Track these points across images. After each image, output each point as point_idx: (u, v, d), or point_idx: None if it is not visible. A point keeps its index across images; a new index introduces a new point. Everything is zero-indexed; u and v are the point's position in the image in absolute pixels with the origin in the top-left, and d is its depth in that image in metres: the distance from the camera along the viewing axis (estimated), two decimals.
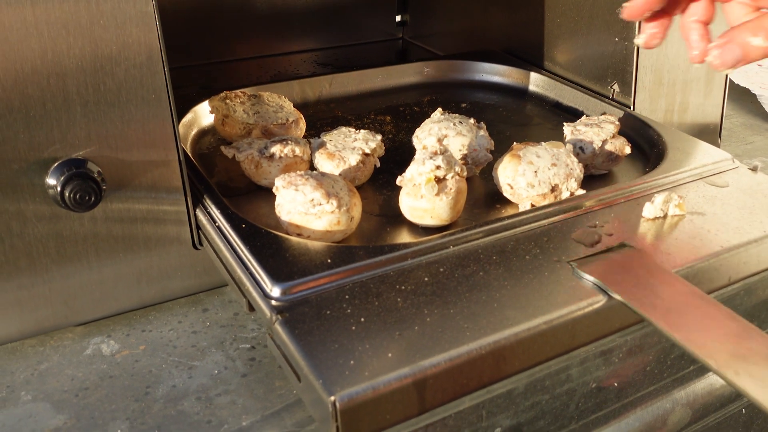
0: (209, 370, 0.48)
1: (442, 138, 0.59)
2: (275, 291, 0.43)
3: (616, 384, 0.57)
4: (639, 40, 0.50)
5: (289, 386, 0.47)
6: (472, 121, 0.62)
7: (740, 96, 1.05)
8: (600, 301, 0.44)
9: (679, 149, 0.63)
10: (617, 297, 0.44)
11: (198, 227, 0.53)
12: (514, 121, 0.75)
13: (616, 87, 0.74)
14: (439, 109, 0.64)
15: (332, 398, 0.36)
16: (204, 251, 0.53)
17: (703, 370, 0.58)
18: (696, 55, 0.49)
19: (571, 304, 0.44)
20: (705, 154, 0.62)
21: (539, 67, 0.83)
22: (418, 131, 0.62)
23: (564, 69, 0.81)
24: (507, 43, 0.89)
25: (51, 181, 0.47)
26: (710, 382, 0.59)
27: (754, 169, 0.62)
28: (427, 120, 0.63)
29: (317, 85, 0.77)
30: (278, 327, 0.41)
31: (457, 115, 0.63)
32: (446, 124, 0.61)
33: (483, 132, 0.61)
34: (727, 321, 0.42)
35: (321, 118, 0.74)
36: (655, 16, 0.49)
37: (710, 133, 0.81)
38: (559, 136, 0.65)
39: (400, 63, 0.87)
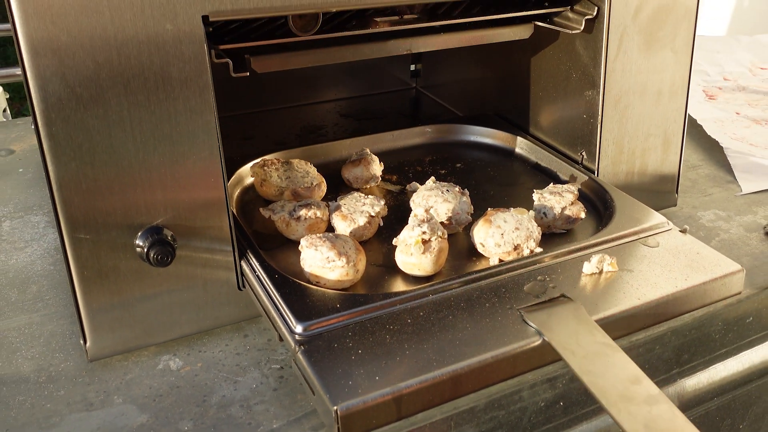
0: (249, 384, 0.65)
1: (429, 208, 0.75)
2: (298, 328, 0.60)
3: (561, 403, 0.72)
4: None
5: (308, 399, 0.63)
6: (457, 189, 0.78)
7: (711, 147, 1.19)
8: (536, 342, 0.60)
9: (625, 213, 0.78)
10: (548, 341, 0.60)
11: (242, 274, 0.70)
12: (499, 180, 0.91)
13: (584, 154, 0.90)
14: (432, 178, 0.80)
15: (335, 407, 0.52)
16: (246, 292, 0.70)
17: None
18: None
19: (514, 343, 0.59)
20: (646, 217, 0.78)
21: (525, 131, 0.99)
22: (414, 196, 0.79)
23: (545, 134, 0.96)
24: (500, 106, 1.05)
25: (139, 242, 0.64)
26: None
27: (683, 231, 0.77)
28: (421, 187, 0.79)
29: (338, 148, 0.94)
30: (300, 356, 0.57)
31: (446, 183, 0.79)
32: (436, 192, 0.77)
33: (465, 198, 0.78)
34: (625, 368, 0.58)
35: (340, 176, 0.90)
36: None
37: (668, 192, 0.95)
38: (530, 199, 0.80)
39: (411, 118, 1.04)
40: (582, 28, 0.83)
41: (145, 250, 0.63)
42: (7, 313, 0.75)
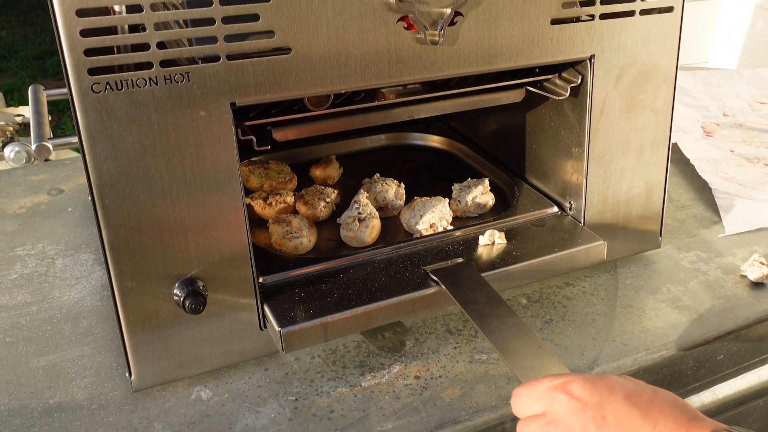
0: (268, 414, 0.76)
1: (367, 196, 0.97)
2: (260, 279, 0.82)
3: None
4: None
5: (318, 429, 0.74)
6: (394, 181, 1.02)
7: (702, 186, 1.27)
8: (434, 290, 0.81)
9: (525, 202, 0.95)
10: (445, 289, 0.78)
11: (263, 316, 0.81)
12: (439, 177, 1.09)
13: (572, 203, 0.99)
14: (377, 174, 1.04)
15: (279, 329, 0.74)
16: (267, 332, 0.81)
17: None
18: None
19: (416, 290, 0.81)
20: (541, 205, 0.97)
21: (522, 178, 1.09)
22: (361, 187, 1.00)
23: (539, 182, 1.06)
24: (498, 151, 1.15)
25: (176, 292, 0.75)
26: None
27: (568, 215, 0.95)
28: (366, 180, 1.04)
29: (314, 151, 1.16)
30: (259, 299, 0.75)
31: (387, 179, 1.03)
32: (376, 185, 1.02)
33: (401, 189, 1.02)
34: (500, 305, 0.76)
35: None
36: None
37: (652, 235, 1.04)
38: None
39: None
40: (568, 94, 0.92)
41: (181, 299, 0.75)
42: (62, 345, 0.87)
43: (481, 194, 1.00)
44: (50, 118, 0.97)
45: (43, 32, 5.98)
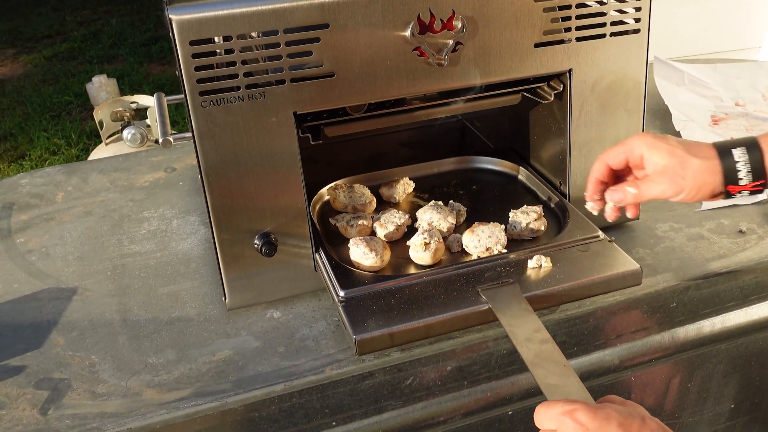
0: (319, 328, 1.09)
1: (431, 221, 1.16)
2: (341, 293, 1.03)
3: None
4: (588, 206, 1.05)
5: (345, 335, 1.06)
6: (449, 209, 1.19)
7: None
8: (483, 307, 0.99)
9: (573, 227, 1.15)
10: (491, 307, 0.99)
11: (315, 261, 1.13)
12: (499, 200, 1.30)
13: (561, 182, 1.26)
14: (434, 201, 1.22)
15: (354, 336, 0.95)
16: (318, 273, 1.14)
17: None
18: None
19: (468, 307, 0.99)
20: (586, 230, 1.14)
21: (527, 163, 1.36)
22: (418, 213, 1.21)
23: (539, 165, 1.34)
24: (514, 141, 1.42)
25: (256, 242, 1.09)
26: None
27: (611, 241, 1.12)
28: (422, 207, 1.21)
29: (389, 174, 1.36)
30: (340, 309, 1.00)
31: (441, 204, 1.20)
32: (433, 210, 1.19)
33: (451, 219, 1.18)
34: (534, 324, 0.95)
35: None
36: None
37: None
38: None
39: (451, 146, 1.44)
40: (552, 98, 1.19)
41: (260, 246, 1.08)
42: (179, 279, 1.23)
43: (534, 221, 1.15)
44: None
45: (148, 20, 6.52)
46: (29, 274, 1.27)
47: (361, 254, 1.09)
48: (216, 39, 0.98)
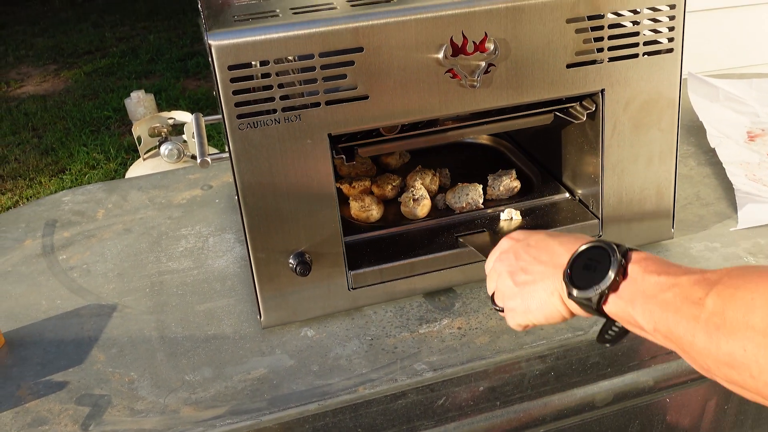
0: (352, 347, 1.10)
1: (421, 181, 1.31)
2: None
3: (552, 373, 1.11)
4: None
5: (385, 359, 1.07)
6: (435, 172, 1.36)
7: (730, 188, 1.47)
8: (459, 250, 1.17)
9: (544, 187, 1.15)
10: (474, 249, 1.10)
11: (348, 279, 1.15)
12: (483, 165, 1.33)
13: (593, 202, 1.26)
14: (421, 165, 1.36)
15: (350, 272, 0.96)
16: (353, 291, 1.15)
17: None
18: None
19: (447, 250, 1.18)
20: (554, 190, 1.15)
21: (559, 181, 1.36)
22: (410, 176, 1.36)
23: (573, 185, 1.33)
24: (547, 161, 1.42)
25: (291, 261, 1.11)
26: None
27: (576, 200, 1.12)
28: (416, 170, 1.37)
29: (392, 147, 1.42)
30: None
31: (430, 170, 1.36)
32: (423, 173, 1.33)
33: (435, 178, 1.35)
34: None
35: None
36: None
37: (665, 228, 1.29)
38: None
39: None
40: (584, 118, 1.19)
41: (295, 266, 1.10)
42: (215, 297, 1.25)
43: (510, 181, 1.32)
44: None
45: (184, 35, 6.66)
46: (71, 290, 1.30)
47: (359, 207, 1.27)
48: (253, 63, 1.00)
